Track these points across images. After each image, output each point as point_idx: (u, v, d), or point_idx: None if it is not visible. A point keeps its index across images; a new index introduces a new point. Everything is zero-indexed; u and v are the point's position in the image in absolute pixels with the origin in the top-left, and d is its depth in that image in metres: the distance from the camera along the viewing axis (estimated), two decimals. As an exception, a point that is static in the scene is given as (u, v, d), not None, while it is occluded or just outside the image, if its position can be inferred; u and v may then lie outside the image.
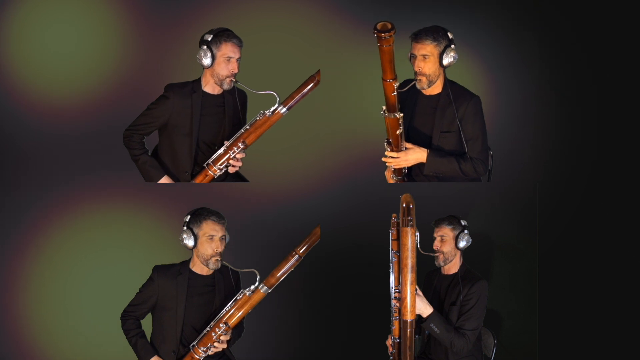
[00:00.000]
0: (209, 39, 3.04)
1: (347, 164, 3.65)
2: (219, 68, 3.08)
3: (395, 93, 2.88)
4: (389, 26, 2.66)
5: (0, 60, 3.60)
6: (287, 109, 3.09)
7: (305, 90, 3.08)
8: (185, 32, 3.57)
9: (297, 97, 3.08)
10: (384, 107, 2.95)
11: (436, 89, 3.08)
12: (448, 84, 3.07)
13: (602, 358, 3.51)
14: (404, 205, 2.79)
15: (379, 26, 2.67)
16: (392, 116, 2.96)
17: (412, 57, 3.02)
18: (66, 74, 3.61)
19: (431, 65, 2.99)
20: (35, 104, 3.62)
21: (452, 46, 2.97)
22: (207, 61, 3.06)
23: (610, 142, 3.53)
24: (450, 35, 2.98)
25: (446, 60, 2.98)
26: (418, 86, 3.05)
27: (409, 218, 2.77)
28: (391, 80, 2.85)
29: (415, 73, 3.02)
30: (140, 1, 3.65)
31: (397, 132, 3.01)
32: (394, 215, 2.89)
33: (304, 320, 3.70)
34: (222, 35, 3.05)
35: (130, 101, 3.34)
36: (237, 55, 3.08)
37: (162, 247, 3.61)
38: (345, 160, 3.65)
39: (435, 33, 2.96)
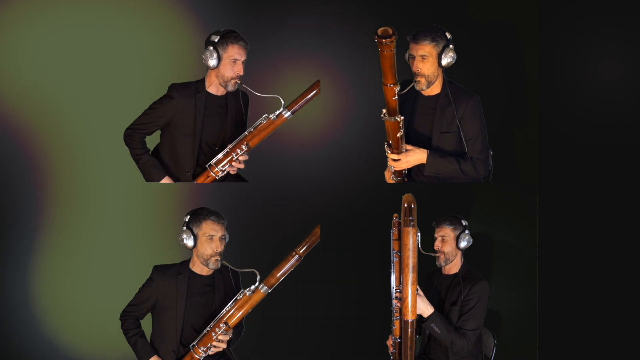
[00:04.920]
0: (216, 40, 3.03)
1: (347, 164, 3.65)
2: (224, 70, 3.07)
3: (396, 97, 2.89)
4: (390, 32, 2.65)
5: (1, 60, 3.60)
6: (292, 113, 3.09)
7: (310, 95, 3.08)
8: (190, 32, 3.57)
9: (302, 102, 3.09)
10: (384, 111, 2.95)
11: (435, 89, 3.09)
12: (447, 84, 3.07)
13: (602, 358, 3.51)
14: (406, 205, 2.79)
15: (379, 32, 2.66)
16: (393, 120, 2.96)
17: (411, 58, 3.02)
18: (66, 74, 3.60)
19: (430, 65, 3.00)
20: (35, 103, 3.61)
21: (451, 46, 2.98)
22: (213, 62, 3.04)
23: (610, 142, 3.53)
24: (448, 36, 2.98)
25: (445, 61, 2.98)
26: (417, 87, 3.05)
27: (411, 218, 2.77)
28: (392, 85, 2.84)
29: (414, 74, 3.02)
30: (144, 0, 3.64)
31: (398, 134, 3.01)
32: (395, 215, 2.90)
33: (304, 320, 3.70)
34: (230, 37, 3.04)
35: (132, 101, 3.33)
36: (243, 58, 3.06)
37: (162, 247, 3.60)
38: (346, 160, 3.65)
39: (434, 33, 2.96)
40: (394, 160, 3.09)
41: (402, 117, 2.97)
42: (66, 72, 3.59)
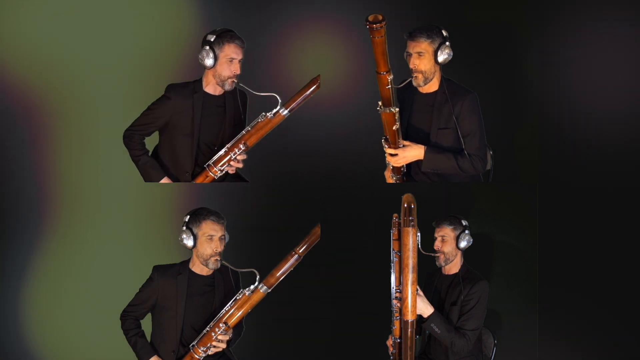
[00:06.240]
0: (212, 40, 3.03)
1: (347, 164, 3.64)
2: (221, 69, 3.06)
3: (390, 86, 2.90)
4: (380, 17, 2.69)
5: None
6: (289, 111, 3.09)
7: (308, 92, 3.07)
8: (188, 31, 3.56)
9: (299, 99, 3.08)
10: (380, 103, 2.97)
11: (433, 86, 3.10)
12: (444, 81, 3.09)
13: (603, 358, 3.51)
14: (405, 205, 2.79)
15: (370, 18, 2.70)
16: (388, 111, 2.97)
17: (408, 55, 3.04)
18: (64, 76, 3.60)
19: (426, 62, 3.02)
20: (34, 103, 3.61)
21: (447, 43, 2.99)
22: (209, 62, 3.04)
23: (611, 142, 3.53)
24: (444, 33, 3.00)
25: (441, 57, 3.00)
26: (414, 83, 3.07)
27: (410, 218, 2.77)
28: (385, 73, 2.86)
29: (412, 70, 3.04)
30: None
31: (394, 127, 3.02)
32: (395, 215, 2.90)
33: (304, 320, 3.70)
34: (225, 36, 3.03)
35: (130, 102, 3.33)
36: (239, 57, 3.06)
37: (162, 247, 3.60)
38: (345, 160, 3.65)
39: (430, 31, 2.99)
40: (391, 155, 3.10)
41: (398, 109, 2.98)
42: (64, 73, 3.58)
